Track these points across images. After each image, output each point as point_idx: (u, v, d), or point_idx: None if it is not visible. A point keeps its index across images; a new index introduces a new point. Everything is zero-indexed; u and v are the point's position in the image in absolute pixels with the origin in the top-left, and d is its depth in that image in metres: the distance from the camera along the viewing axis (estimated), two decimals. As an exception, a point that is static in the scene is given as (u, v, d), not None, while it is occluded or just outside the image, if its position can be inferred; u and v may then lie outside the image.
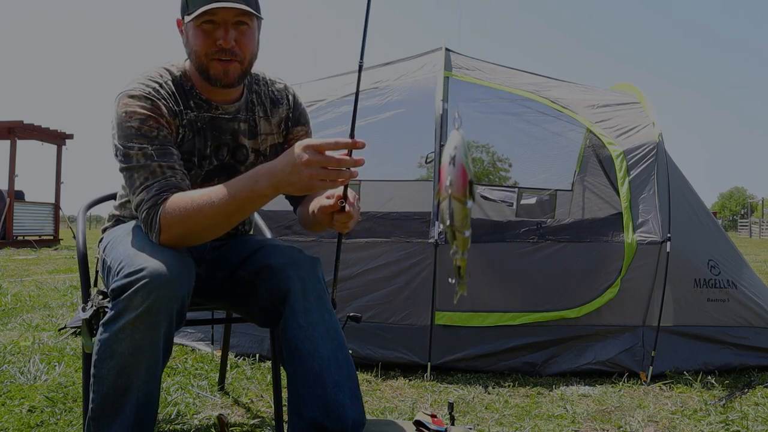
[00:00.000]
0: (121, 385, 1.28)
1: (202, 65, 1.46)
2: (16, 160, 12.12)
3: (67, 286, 5.43)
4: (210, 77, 1.47)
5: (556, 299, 2.70)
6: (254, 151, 1.62)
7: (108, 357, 1.27)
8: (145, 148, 1.38)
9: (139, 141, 1.39)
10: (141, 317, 1.24)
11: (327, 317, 1.46)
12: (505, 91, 3.25)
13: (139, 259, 1.28)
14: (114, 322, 1.26)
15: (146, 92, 1.43)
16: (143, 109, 1.40)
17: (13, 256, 9.52)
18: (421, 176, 4.97)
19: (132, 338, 1.26)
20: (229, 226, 1.38)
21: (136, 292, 1.23)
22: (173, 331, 1.33)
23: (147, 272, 1.24)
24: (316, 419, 1.36)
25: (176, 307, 1.29)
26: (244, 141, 1.59)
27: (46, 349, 2.90)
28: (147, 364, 1.29)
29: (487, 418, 2.12)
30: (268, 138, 1.64)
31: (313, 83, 3.72)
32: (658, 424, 2.09)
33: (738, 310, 2.75)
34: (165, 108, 1.44)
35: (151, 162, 1.38)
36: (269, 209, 2.97)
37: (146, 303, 1.23)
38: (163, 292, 1.25)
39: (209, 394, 2.31)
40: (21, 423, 1.94)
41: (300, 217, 1.68)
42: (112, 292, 1.27)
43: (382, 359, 2.69)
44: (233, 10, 1.41)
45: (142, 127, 1.39)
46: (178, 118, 1.48)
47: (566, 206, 4.52)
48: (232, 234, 1.72)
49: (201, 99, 1.53)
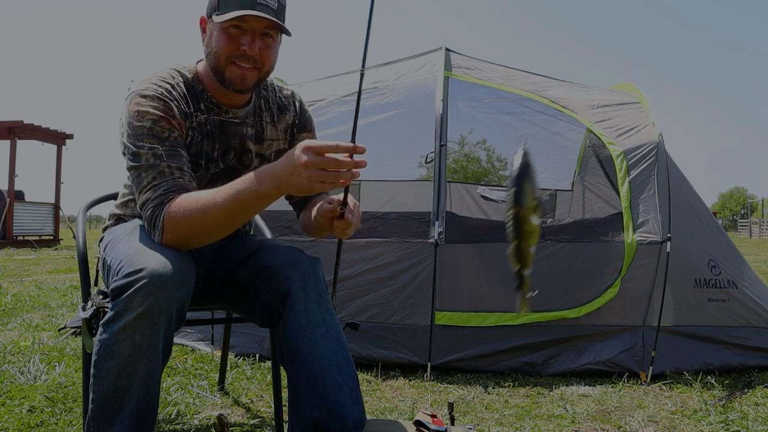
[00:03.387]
0: (121, 385, 1.28)
1: (220, 67, 1.47)
2: (16, 160, 12.11)
3: (67, 286, 5.43)
4: (225, 80, 1.47)
5: (556, 299, 2.70)
6: (258, 155, 1.64)
7: (108, 357, 1.27)
8: (155, 149, 1.39)
9: (150, 141, 1.39)
10: (141, 318, 1.24)
11: (327, 317, 1.46)
12: (505, 91, 3.25)
13: (139, 258, 1.28)
14: (114, 322, 1.26)
15: (159, 93, 1.43)
16: (156, 110, 1.41)
17: (13, 256, 9.52)
18: (421, 176, 4.96)
19: (132, 339, 1.25)
20: (232, 228, 1.38)
21: (136, 293, 1.23)
22: (173, 331, 1.33)
23: (147, 272, 1.24)
24: (317, 419, 1.36)
25: (176, 307, 1.29)
26: (250, 146, 1.61)
27: (46, 349, 2.90)
28: (147, 365, 1.29)
29: (487, 418, 2.12)
30: (273, 144, 1.66)
31: (314, 83, 3.72)
32: (658, 424, 2.09)
33: (738, 310, 2.75)
34: (177, 110, 1.45)
35: (160, 162, 1.38)
36: (269, 209, 2.98)
37: (146, 303, 1.23)
38: (163, 293, 1.24)
39: (209, 394, 2.31)
40: (21, 423, 1.94)
41: (302, 222, 1.69)
42: (111, 291, 1.27)
43: (382, 359, 2.69)
44: (264, 20, 1.42)
45: (154, 127, 1.40)
46: (188, 120, 1.49)
47: (566, 206, 4.52)
48: (233, 234, 1.72)
49: (212, 102, 1.54)
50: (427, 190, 2.90)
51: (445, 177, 2.86)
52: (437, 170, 2.84)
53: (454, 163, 5.56)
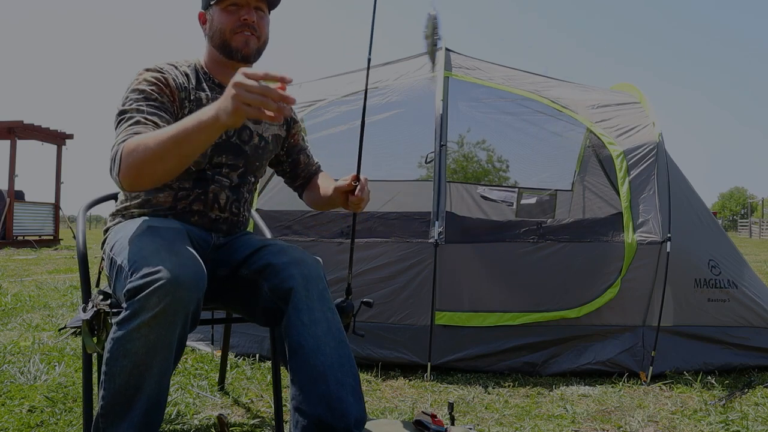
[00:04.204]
0: (133, 383, 1.29)
1: (225, 40, 1.64)
2: (16, 160, 12.12)
3: (67, 286, 5.43)
4: (231, 49, 1.64)
5: (556, 299, 2.70)
6: (258, 135, 1.75)
7: (121, 356, 1.28)
8: (140, 104, 1.50)
9: (137, 97, 1.51)
10: (157, 317, 1.25)
11: (329, 315, 1.47)
12: (505, 91, 3.26)
13: (155, 259, 1.29)
14: (129, 321, 1.26)
15: (160, 67, 1.59)
16: (152, 77, 1.55)
17: (13, 256, 9.52)
18: (421, 176, 4.96)
19: (147, 338, 1.26)
20: (180, 157, 1.36)
21: (152, 293, 1.24)
22: (188, 332, 1.34)
23: (164, 273, 1.25)
24: (319, 416, 1.37)
25: (192, 309, 1.30)
26: (248, 124, 1.72)
27: (46, 349, 2.90)
28: (159, 365, 1.30)
29: (487, 418, 2.12)
30: (270, 127, 1.80)
31: (314, 83, 3.71)
32: (658, 424, 2.09)
33: (738, 310, 2.75)
34: (173, 82, 1.58)
35: (139, 115, 1.48)
36: (269, 209, 2.99)
37: (162, 304, 1.24)
38: (179, 294, 1.26)
39: (209, 394, 2.31)
40: (21, 423, 1.94)
41: (308, 199, 1.92)
42: (127, 292, 1.27)
43: (382, 359, 2.69)
44: None
45: (145, 89, 1.53)
46: (184, 92, 1.60)
47: (566, 206, 4.52)
48: (233, 222, 1.75)
49: (214, 83, 1.68)
50: (427, 190, 2.90)
51: (445, 177, 2.86)
52: (437, 170, 2.84)
53: (453, 163, 5.56)
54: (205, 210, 1.67)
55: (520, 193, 4.53)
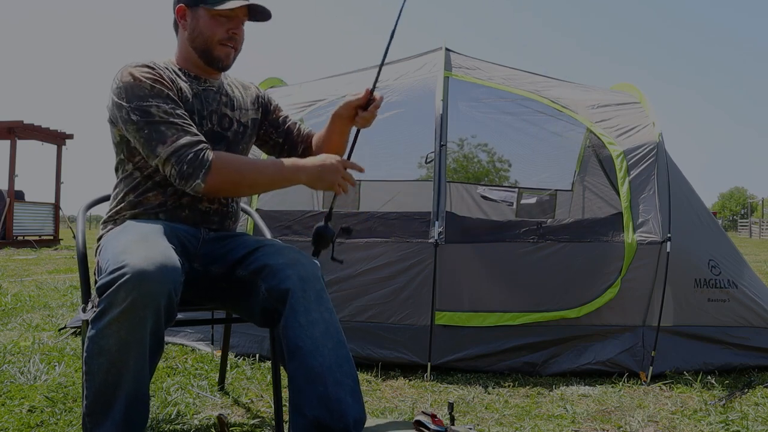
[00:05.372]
0: (111, 381, 1.30)
1: (209, 48, 1.66)
2: (16, 160, 12.11)
3: (67, 286, 5.43)
4: (213, 58, 1.68)
5: (556, 299, 2.70)
6: (237, 121, 1.78)
7: (97, 354, 1.29)
8: (162, 106, 1.53)
9: (155, 100, 1.53)
10: (125, 313, 1.25)
11: (327, 316, 1.47)
12: (505, 91, 3.25)
13: (123, 255, 1.29)
14: (100, 319, 1.27)
15: (147, 63, 1.61)
16: (149, 74, 1.57)
17: (13, 256, 9.52)
18: (421, 176, 4.97)
19: (118, 334, 1.27)
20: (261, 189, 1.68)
21: (119, 288, 1.24)
22: (162, 326, 1.33)
23: (129, 268, 1.25)
24: (318, 417, 1.36)
25: (163, 302, 1.29)
26: (227, 111, 1.76)
27: (46, 349, 2.90)
28: (135, 360, 1.30)
29: (487, 418, 2.12)
30: (247, 112, 1.83)
31: (314, 83, 3.71)
32: (658, 424, 2.09)
33: (738, 310, 2.75)
34: (165, 76, 1.61)
35: (173, 118, 1.52)
36: (269, 209, 2.98)
37: (130, 298, 1.24)
38: (146, 287, 1.25)
39: (209, 394, 2.31)
40: (21, 423, 1.94)
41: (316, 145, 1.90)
42: (98, 289, 1.28)
43: (382, 359, 2.69)
44: (245, 8, 1.66)
45: (154, 87, 1.55)
46: (175, 85, 1.63)
47: (566, 206, 4.53)
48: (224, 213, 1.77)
49: (190, 76, 1.72)
50: (427, 190, 2.90)
51: (445, 177, 2.86)
52: (437, 170, 2.84)
53: (454, 163, 5.56)
54: (194, 203, 1.68)
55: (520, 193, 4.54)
